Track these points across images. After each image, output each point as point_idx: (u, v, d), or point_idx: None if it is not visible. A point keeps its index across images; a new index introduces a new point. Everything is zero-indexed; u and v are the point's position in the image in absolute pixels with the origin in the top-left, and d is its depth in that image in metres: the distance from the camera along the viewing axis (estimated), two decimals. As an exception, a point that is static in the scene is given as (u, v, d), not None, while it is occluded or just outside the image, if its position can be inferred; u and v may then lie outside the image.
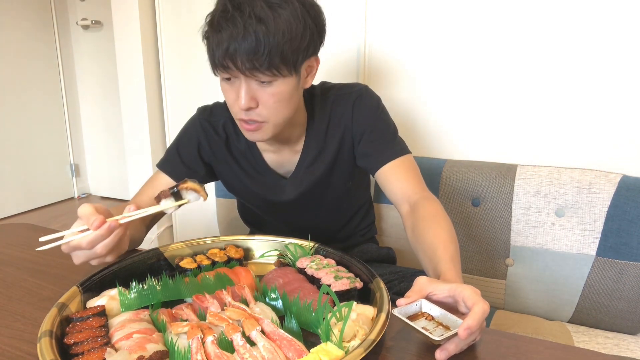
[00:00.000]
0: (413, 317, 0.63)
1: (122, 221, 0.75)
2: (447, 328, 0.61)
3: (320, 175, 1.02)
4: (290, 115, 0.90)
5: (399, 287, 1.03)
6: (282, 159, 1.03)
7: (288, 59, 0.81)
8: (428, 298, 0.65)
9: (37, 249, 0.72)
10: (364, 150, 0.99)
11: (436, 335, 0.59)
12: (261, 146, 1.02)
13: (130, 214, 0.76)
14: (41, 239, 0.73)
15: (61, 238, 0.73)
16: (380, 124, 1.00)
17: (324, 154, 1.01)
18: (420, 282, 0.66)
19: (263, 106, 0.85)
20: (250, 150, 1.03)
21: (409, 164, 0.97)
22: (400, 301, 0.64)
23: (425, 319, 0.63)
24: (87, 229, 0.73)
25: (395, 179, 0.95)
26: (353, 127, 0.99)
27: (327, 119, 1.00)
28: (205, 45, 0.86)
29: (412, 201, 0.91)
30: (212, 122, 1.04)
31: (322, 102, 1.01)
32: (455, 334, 0.58)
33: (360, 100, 0.99)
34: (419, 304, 0.64)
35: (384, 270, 1.11)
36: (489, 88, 1.41)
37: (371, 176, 1.20)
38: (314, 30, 0.84)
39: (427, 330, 0.60)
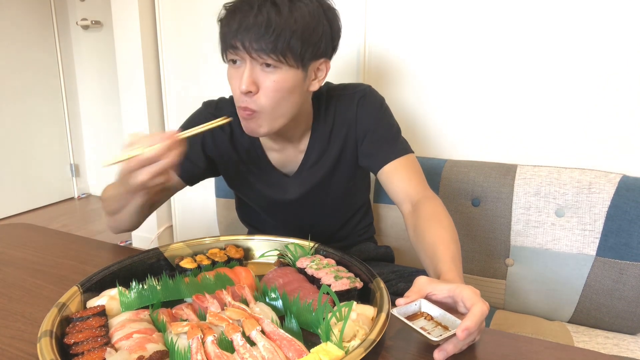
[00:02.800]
0: (412, 317, 0.63)
1: (183, 135, 0.77)
2: (446, 328, 0.61)
3: (323, 176, 1.02)
4: (289, 111, 0.89)
5: (397, 286, 1.03)
6: (286, 158, 1.03)
7: (295, 49, 0.82)
8: (428, 298, 0.65)
9: (103, 166, 0.73)
10: (367, 150, 0.99)
11: (434, 335, 0.59)
12: (265, 144, 1.02)
13: (189, 131, 0.80)
14: (104, 163, 0.74)
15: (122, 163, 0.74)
16: (383, 123, 1.00)
17: (327, 154, 1.01)
18: (419, 282, 0.66)
19: (262, 93, 0.84)
20: (254, 147, 1.03)
21: (412, 163, 0.97)
22: (399, 301, 0.64)
23: (425, 319, 0.63)
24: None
25: (397, 178, 0.95)
26: (357, 127, 0.99)
27: (331, 120, 1.00)
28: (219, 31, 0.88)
29: (414, 201, 0.91)
30: (217, 116, 1.03)
31: (327, 102, 1.01)
32: (454, 335, 0.58)
33: (364, 100, 0.99)
34: (418, 304, 0.64)
35: (382, 269, 1.11)
36: (489, 88, 1.41)
37: (371, 177, 1.20)
38: (327, 31, 0.86)
39: (425, 330, 0.60)
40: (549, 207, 1.20)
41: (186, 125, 1.06)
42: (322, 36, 0.85)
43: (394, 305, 0.65)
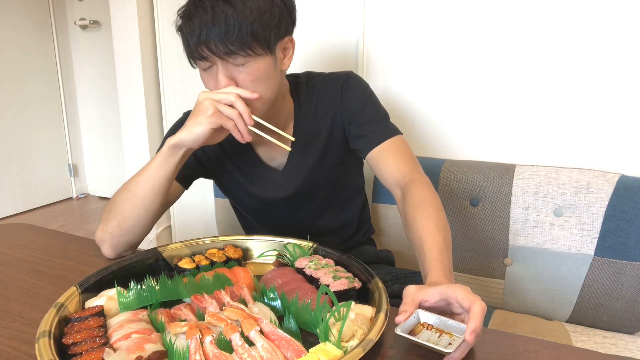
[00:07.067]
0: (414, 330, 0.63)
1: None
2: (449, 334, 0.61)
3: (313, 163, 1.01)
4: (271, 96, 0.90)
5: (392, 288, 1.02)
6: (273, 151, 1.02)
7: (260, 37, 0.82)
8: (421, 305, 0.64)
9: None
10: (356, 133, 0.99)
11: (443, 345, 0.58)
12: (253, 138, 1.02)
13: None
14: None
15: None
16: (369, 106, 1.00)
17: (314, 140, 1.01)
18: (409, 292, 0.65)
19: (241, 87, 0.85)
20: (242, 144, 1.02)
21: (400, 145, 0.96)
22: (398, 318, 0.62)
23: (426, 329, 0.63)
24: None
25: (385, 162, 0.94)
26: (342, 110, 0.99)
27: (314, 106, 1.00)
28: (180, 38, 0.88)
29: (402, 185, 0.90)
30: None
31: (308, 89, 1.01)
32: (463, 340, 0.58)
33: (348, 84, 1.00)
34: (416, 316, 0.64)
35: (380, 270, 1.10)
36: (487, 87, 1.41)
37: (370, 177, 1.19)
38: (282, 8, 0.86)
39: (431, 342, 0.59)
40: (548, 206, 1.21)
41: (171, 134, 1.05)
42: (280, 16, 0.85)
43: (392, 305, 0.65)
